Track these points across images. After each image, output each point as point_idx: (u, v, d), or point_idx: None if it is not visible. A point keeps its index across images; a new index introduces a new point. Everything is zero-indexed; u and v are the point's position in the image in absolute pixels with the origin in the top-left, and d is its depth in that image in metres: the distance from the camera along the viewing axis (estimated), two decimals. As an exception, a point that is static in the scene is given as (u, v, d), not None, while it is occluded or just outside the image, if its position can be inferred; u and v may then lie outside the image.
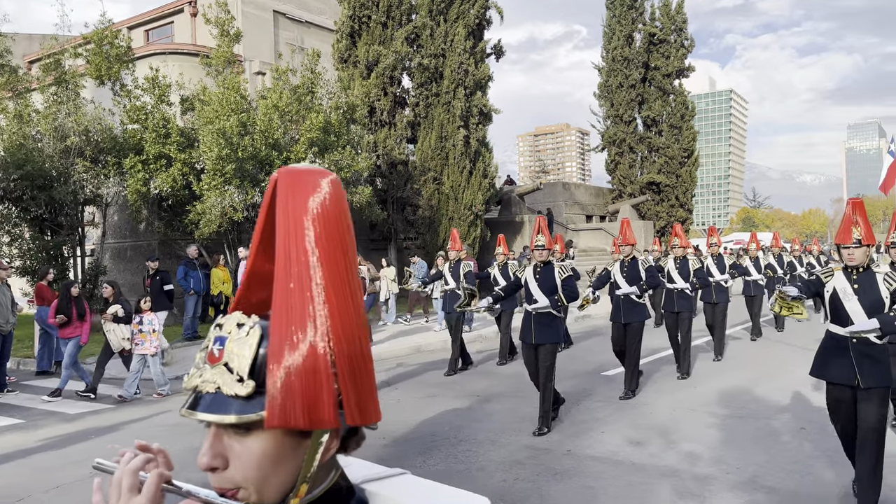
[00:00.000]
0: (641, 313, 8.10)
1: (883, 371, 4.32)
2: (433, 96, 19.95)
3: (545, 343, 6.64)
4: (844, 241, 4.47)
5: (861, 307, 4.37)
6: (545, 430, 6.53)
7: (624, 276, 8.25)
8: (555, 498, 4.89)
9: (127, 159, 13.93)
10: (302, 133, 13.40)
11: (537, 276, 6.90)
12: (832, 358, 4.45)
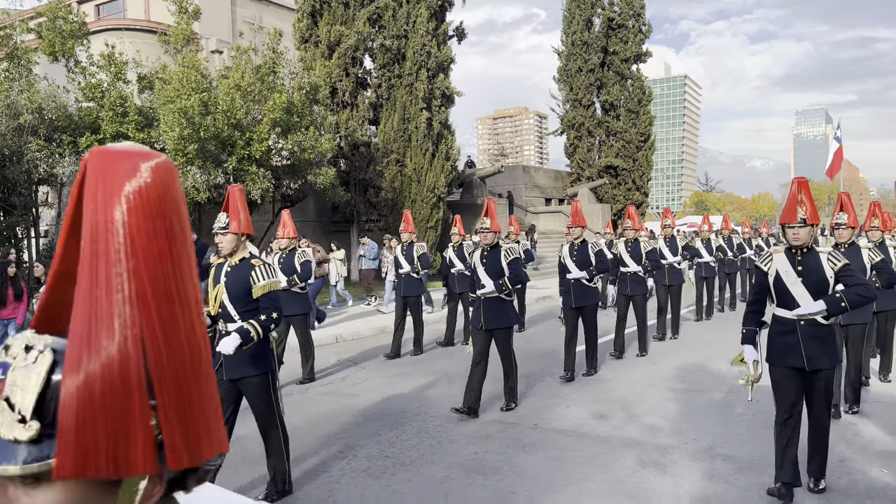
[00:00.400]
0: (593, 296, 8.03)
1: (829, 352, 4.34)
2: (395, 78, 19.90)
3: (497, 328, 6.52)
4: (789, 220, 4.43)
5: (806, 289, 4.34)
6: (513, 406, 6.67)
7: (574, 259, 8.06)
8: (524, 469, 5.10)
9: (83, 138, 13.63)
10: (265, 113, 13.29)
11: (484, 261, 6.69)
12: (779, 341, 4.43)
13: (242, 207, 4.49)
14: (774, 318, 4.50)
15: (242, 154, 12.94)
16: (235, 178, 12.79)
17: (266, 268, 4.46)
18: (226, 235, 4.48)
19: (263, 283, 4.41)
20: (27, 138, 13.36)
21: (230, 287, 4.44)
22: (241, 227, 4.48)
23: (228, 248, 4.50)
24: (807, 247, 4.43)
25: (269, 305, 4.40)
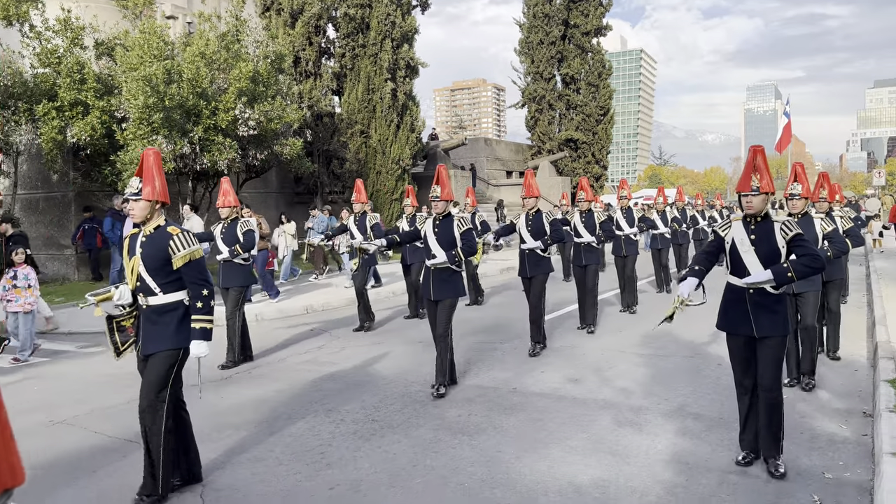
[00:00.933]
0: (545, 267, 7.99)
1: (779, 320, 4.38)
2: (360, 48, 19.73)
3: (443, 299, 6.38)
4: (744, 188, 4.44)
5: (757, 258, 4.38)
6: (442, 391, 6.27)
7: (529, 229, 7.98)
8: (508, 429, 5.32)
9: (39, 106, 13.24)
10: (230, 82, 13.08)
11: (436, 230, 6.49)
12: (731, 309, 4.49)
13: (158, 173, 4.20)
14: (727, 286, 4.56)
15: (208, 124, 12.75)
16: (201, 149, 12.61)
17: (185, 235, 4.17)
18: (138, 202, 4.14)
19: (183, 252, 4.12)
20: (-20, 105, 12.91)
21: (147, 258, 4.14)
22: (155, 193, 4.15)
23: (141, 216, 4.16)
24: (761, 216, 4.46)
25: (195, 278, 4.14)
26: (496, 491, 4.19)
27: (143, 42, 12.45)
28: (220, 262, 7.95)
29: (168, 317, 4.14)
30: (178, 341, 4.11)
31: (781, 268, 4.27)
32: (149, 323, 4.16)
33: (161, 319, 4.13)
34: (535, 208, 8.05)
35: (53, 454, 4.99)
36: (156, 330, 4.12)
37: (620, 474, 4.41)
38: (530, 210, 8.04)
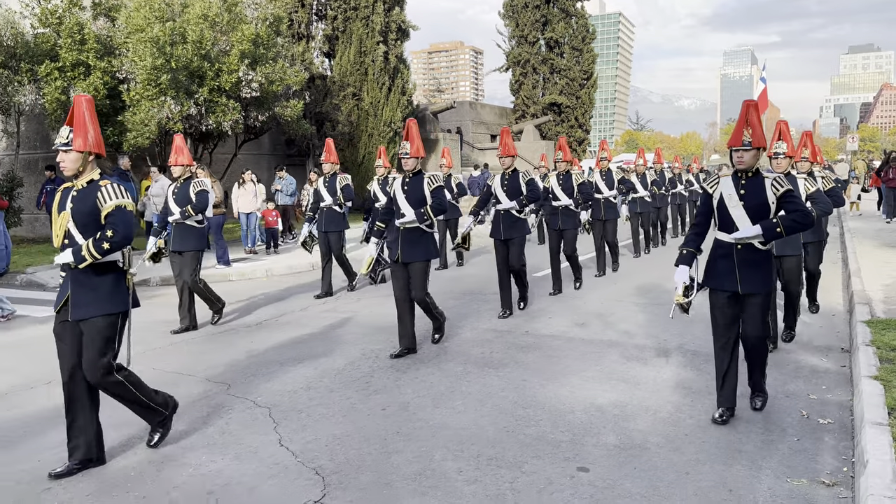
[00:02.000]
0: (521, 229, 7.73)
1: (764, 277, 4.40)
2: (351, 10, 19.90)
3: (414, 261, 6.16)
4: (735, 143, 4.38)
5: (746, 213, 4.36)
6: (437, 337, 6.59)
7: (504, 189, 7.72)
8: (528, 364, 5.93)
9: (42, 66, 13.37)
10: (233, 44, 13.31)
11: (405, 188, 6.24)
12: (717, 265, 4.48)
13: (92, 122, 3.91)
14: (715, 242, 4.54)
15: (212, 85, 13.02)
16: (207, 110, 12.90)
17: (115, 187, 3.89)
18: (68, 153, 3.84)
19: (110, 202, 3.84)
20: (-17, 65, 13.03)
21: (76, 213, 3.87)
22: (88, 144, 3.86)
23: (72, 169, 3.86)
24: (752, 171, 4.44)
25: (111, 223, 3.83)
26: (528, 410, 4.81)
27: (145, 3, 12.60)
28: (173, 223, 7.48)
29: (100, 279, 3.90)
30: (115, 305, 3.91)
31: (770, 223, 4.29)
32: (78, 285, 3.87)
33: (91, 282, 3.88)
34: (512, 167, 7.79)
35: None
36: (87, 293, 3.87)
37: (634, 397, 5.05)
38: (507, 169, 7.79)
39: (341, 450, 4.18)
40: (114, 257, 3.93)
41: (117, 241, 3.81)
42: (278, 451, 4.18)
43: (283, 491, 3.66)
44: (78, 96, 3.96)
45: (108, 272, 3.94)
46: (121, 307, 3.94)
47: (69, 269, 3.89)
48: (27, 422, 4.85)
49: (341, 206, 9.22)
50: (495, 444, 4.22)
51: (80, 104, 3.91)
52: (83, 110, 3.90)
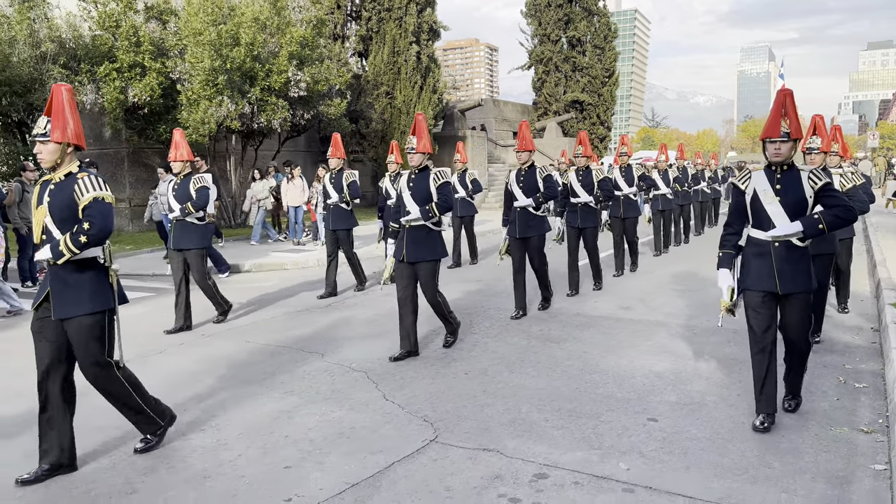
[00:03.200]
0: (539, 227, 7.45)
1: (803, 276, 4.19)
2: (385, 11, 20.55)
3: (421, 261, 5.94)
4: (771, 134, 4.12)
5: (783, 209, 4.13)
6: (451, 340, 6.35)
7: (520, 186, 7.43)
8: (585, 339, 6.56)
9: (101, 67, 14.14)
10: (282, 46, 14.03)
11: (411, 185, 6.04)
12: (753, 264, 4.26)
13: (72, 112, 3.80)
14: (749, 240, 4.33)
15: (263, 85, 13.74)
16: (258, 109, 13.62)
17: (93, 179, 3.79)
18: (46, 144, 3.73)
19: (88, 195, 3.72)
20: (48, 66, 13.81)
21: (54, 207, 3.76)
22: (66, 135, 3.74)
23: (49, 161, 3.75)
24: (787, 164, 4.20)
25: (88, 216, 3.71)
26: (594, 375, 5.44)
27: (201, 8, 13.33)
28: (174, 221, 7.35)
29: (81, 276, 3.78)
30: (98, 303, 3.79)
31: (812, 219, 4.07)
32: (59, 283, 3.76)
33: (73, 279, 3.76)
34: (529, 163, 7.48)
35: (221, 354, 6.22)
36: (69, 292, 3.75)
37: (686, 366, 5.67)
38: (523, 165, 7.48)
39: (439, 404, 4.84)
40: (93, 253, 3.80)
41: (95, 234, 3.67)
42: (385, 405, 4.85)
43: (401, 433, 4.33)
44: (57, 85, 3.83)
45: (90, 269, 3.81)
46: (105, 304, 3.82)
47: (50, 265, 3.78)
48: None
49: (348, 204, 9.05)
50: (572, 401, 4.86)
51: (59, 94, 3.78)
52: (62, 100, 3.77)
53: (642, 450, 4.03)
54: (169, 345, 6.75)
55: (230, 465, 3.93)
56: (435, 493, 3.53)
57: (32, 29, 13.58)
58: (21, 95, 13.48)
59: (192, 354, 6.39)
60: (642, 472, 3.73)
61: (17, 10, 13.85)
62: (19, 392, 5.19)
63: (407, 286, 6.00)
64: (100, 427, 4.40)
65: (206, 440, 4.30)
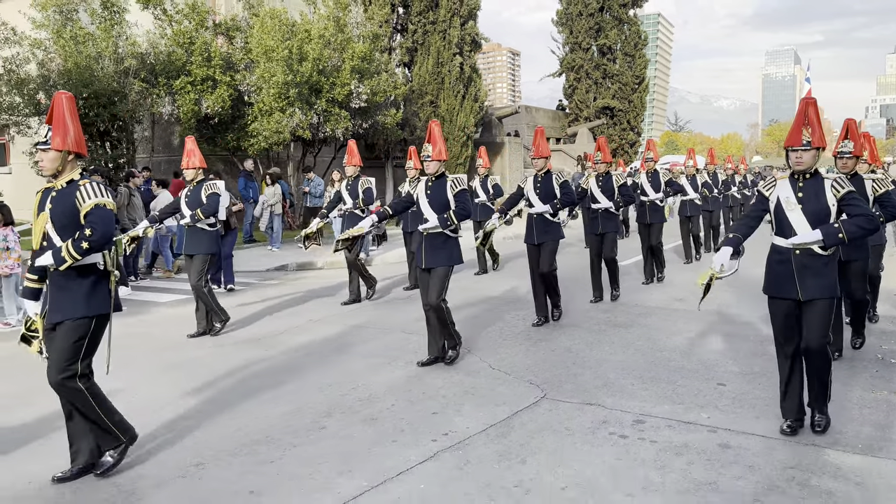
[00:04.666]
0: (555, 233, 7.50)
1: (827, 283, 4.20)
2: (430, 24, 21.59)
3: (436, 266, 5.97)
4: (794, 143, 4.19)
5: (804, 217, 4.19)
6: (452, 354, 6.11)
7: (537, 192, 7.45)
8: (650, 325, 7.47)
9: (177, 81, 15.31)
10: (344, 60, 15.12)
11: (428, 192, 6.09)
12: (776, 271, 4.34)
13: (73, 120, 3.84)
14: (772, 247, 4.40)
15: (328, 97, 14.83)
16: (324, 119, 14.71)
17: (94, 186, 3.83)
18: (47, 152, 3.80)
19: (89, 201, 3.77)
20: (130, 80, 15.01)
21: (56, 214, 3.80)
22: (67, 143, 3.79)
23: (50, 168, 3.82)
24: (810, 172, 4.25)
25: (90, 222, 3.74)
26: (664, 353, 6.36)
27: (271, 26, 14.45)
28: (185, 227, 7.59)
29: (78, 282, 3.80)
30: (89, 308, 3.79)
31: (832, 227, 4.10)
32: (55, 288, 3.81)
33: (69, 284, 3.79)
34: (545, 169, 7.53)
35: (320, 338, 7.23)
36: (64, 296, 3.78)
37: (743, 347, 6.55)
38: (539, 171, 7.52)
39: (539, 372, 5.80)
40: (94, 259, 3.82)
41: (96, 240, 3.69)
42: (493, 372, 5.82)
43: (514, 392, 5.29)
44: (58, 94, 3.86)
45: (89, 275, 3.82)
46: (96, 310, 3.82)
47: (50, 272, 3.81)
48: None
49: (363, 210, 9.06)
50: (649, 371, 5.79)
51: (59, 102, 3.83)
52: (63, 109, 3.81)
53: (717, 405, 4.95)
54: (308, 321, 7.77)
55: (389, 411, 4.92)
56: (557, 432, 4.48)
57: (116, 46, 14.77)
58: (106, 107, 14.65)
59: (324, 332, 7.40)
60: (721, 419, 4.66)
61: (101, 27, 15.06)
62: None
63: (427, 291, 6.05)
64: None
65: (361, 393, 5.31)
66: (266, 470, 4.01)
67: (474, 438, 4.39)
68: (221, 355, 6.60)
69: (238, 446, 4.36)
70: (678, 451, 4.15)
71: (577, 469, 3.92)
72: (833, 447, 4.19)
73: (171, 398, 5.30)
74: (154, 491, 3.78)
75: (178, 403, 5.18)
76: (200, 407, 5.11)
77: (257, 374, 5.96)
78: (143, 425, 4.42)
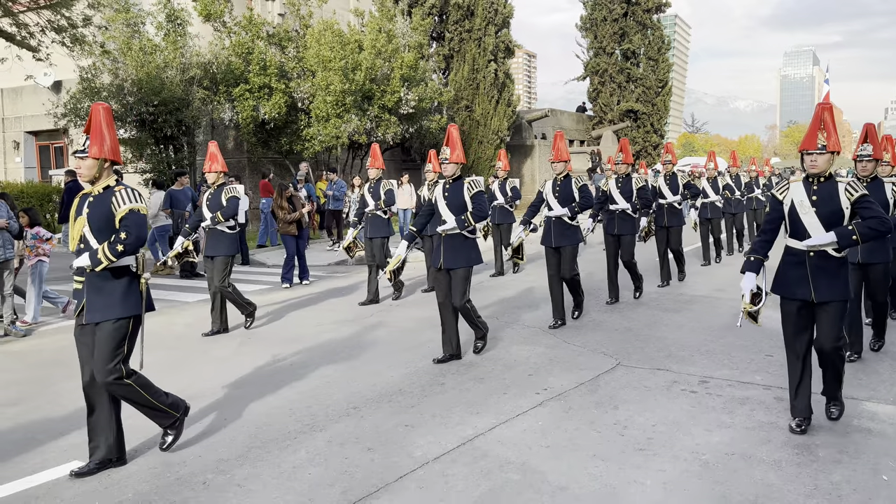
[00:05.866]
0: (573, 236, 7.59)
1: (839, 285, 4.29)
2: (466, 32, 22.58)
3: (456, 268, 6.16)
4: (809, 146, 4.28)
5: (818, 220, 4.27)
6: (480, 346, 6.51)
7: (556, 196, 7.57)
8: (696, 310, 8.36)
9: (236, 89, 16.40)
10: (394, 69, 16.14)
11: (446, 194, 6.26)
12: (789, 272, 4.40)
13: (109, 130, 4.08)
14: (786, 249, 4.46)
15: (379, 104, 15.85)
16: (377, 125, 15.74)
17: (129, 192, 4.09)
18: (85, 160, 4.04)
19: (124, 206, 4.02)
20: (195, 88, 16.11)
21: (93, 218, 4.05)
22: (103, 151, 4.03)
23: (89, 175, 4.07)
24: (825, 176, 4.34)
25: (125, 226, 4.00)
26: (714, 332, 7.25)
27: (329, 38, 15.49)
28: (206, 229, 7.76)
29: (113, 284, 4.05)
30: (125, 309, 4.05)
31: (846, 230, 4.19)
32: (92, 289, 4.05)
33: (105, 286, 4.04)
34: (564, 173, 7.65)
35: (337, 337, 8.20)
36: (100, 298, 4.03)
37: (782, 326, 7.44)
38: (559, 175, 7.63)
39: (609, 345, 6.74)
40: (127, 261, 4.07)
41: (131, 243, 3.96)
42: (569, 346, 6.76)
43: (592, 361, 6.23)
44: (95, 105, 4.09)
45: (122, 277, 4.07)
46: (132, 311, 4.07)
47: (85, 273, 4.05)
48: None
49: (385, 212, 9.36)
50: (704, 345, 6.70)
51: (97, 113, 4.06)
52: (100, 119, 4.04)
53: (767, 370, 5.86)
54: (389, 306, 8.74)
55: (491, 375, 5.89)
56: (638, 388, 5.42)
57: (182, 56, 15.88)
58: (172, 113, 15.76)
59: (406, 314, 8.37)
60: (772, 381, 5.57)
61: (167, 40, 16.18)
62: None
63: (446, 293, 6.26)
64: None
65: (463, 361, 6.29)
66: (410, 412, 4.98)
67: (570, 392, 5.35)
68: (326, 333, 7.59)
69: (379, 396, 5.34)
70: (741, 402, 5.08)
71: (661, 413, 4.86)
72: (869, 400, 5.10)
73: (315, 365, 6.29)
74: (331, 423, 4.75)
75: (322, 369, 6.17)
76: (341, 370, 6.09)
77: (363, 346, 6.93)
78: (308, 389, 5.40)
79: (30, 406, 5.36)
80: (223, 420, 4.89)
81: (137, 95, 15.33)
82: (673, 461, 4.08)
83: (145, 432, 4.54)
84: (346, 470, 4.03)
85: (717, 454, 4.16)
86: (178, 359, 6.64)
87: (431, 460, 4.14)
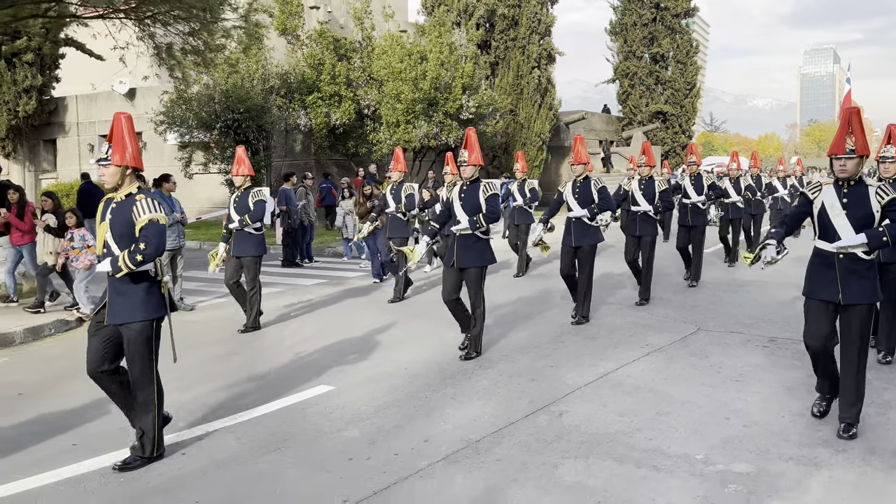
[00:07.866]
0: (593, 237, 7.80)
1: (867, 287, 4.31)
2: (510, 41, 24.04)
3: (469, 267, 6.35)
4: (837, 151, 4.31)
5: (849, 222, 4.29)
6: (473, 355, 6.47)
7: (576, 197, 7.80)
8: (751, 291, 9.74)
9: (309, 97, 17.97)
10: (455, 79, 17.66)
11: (462, 196, 6.46)
12: (818, 274, 4.44)
13: (131, 138, 4.19)
14: (815, 251, 4.52)
15: (443, 110, 17.37)
16: (440, 130, 17.27)
17: (149, 201, 4.21)
18: (108, 167, 4.17)
19: (144, 217, 4.15)
20: (274, 97, 17.72)
21: (114, 224, 4.21)
22: (125, 159, 4.17)
23: (111, 182, 4.21)
24: (854, 179, 4.37)
25: (144, 237, 4.13)
26: (771, 306, 8.64)
27: (398, 51, 17.02)
28: (234, 230, 7.97)
29: (133, 288, 4.20)
30: (147, 312, 4.21)
31: (876, 231, 4.22)
32: (115, 292, 4.22)
33: (126, 289, 4.20)
34: (584, 175, 7.87)
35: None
36: (123, 301, 4.19)
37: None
38: (578, 177, 7.87)
39: (687, 315, 8.18)
40: (146, 267, 4.19)
41: (150, 254, 4.10)
42: (652, 317, 8.20)
43: (677, 326, 7.66)
44: (118, 114, 4.18)
45: (142, 281, 4.23)
46: (153, 313, 4.25)
47: (108, 276, 4.22)
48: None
49: (404, 214, 9.65)
50: (765, 316, 8.11)
51: (119, 122, 4.15)
52: (122, 127, 4.14)
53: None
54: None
55: (598, 335, 7.36)
56: (720, 345, 6.86)
57: (264, 68, 17.49)
58: (254, 119, 17.36)
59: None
60: (826, 339, 6.95)
61: (249, 54, 17.78)
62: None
63: (452, 290, 6.44)
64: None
65: (568, 328, 7.73)
66: (548, 359, 6.47)
67: (667, 347, 6.81)
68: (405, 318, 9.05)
69: (520, 348, 6.82)
70: (806, 353, 6.48)
71: (745, 359, 6.31)
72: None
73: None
74: (493, 365, 6.21)
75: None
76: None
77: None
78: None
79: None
80: (413, 362, 6.38)
81: (224, 104, 16.93)
82: (765, 387, 5.53)
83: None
84: (524, 390, 5.53)
85: (797, 383, 5.59)
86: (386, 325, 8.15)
87: (583, 385, 5.63)
